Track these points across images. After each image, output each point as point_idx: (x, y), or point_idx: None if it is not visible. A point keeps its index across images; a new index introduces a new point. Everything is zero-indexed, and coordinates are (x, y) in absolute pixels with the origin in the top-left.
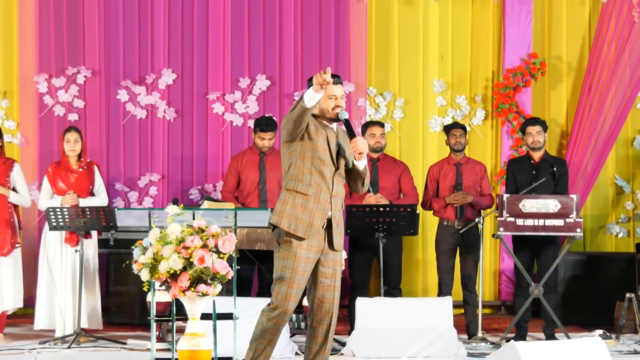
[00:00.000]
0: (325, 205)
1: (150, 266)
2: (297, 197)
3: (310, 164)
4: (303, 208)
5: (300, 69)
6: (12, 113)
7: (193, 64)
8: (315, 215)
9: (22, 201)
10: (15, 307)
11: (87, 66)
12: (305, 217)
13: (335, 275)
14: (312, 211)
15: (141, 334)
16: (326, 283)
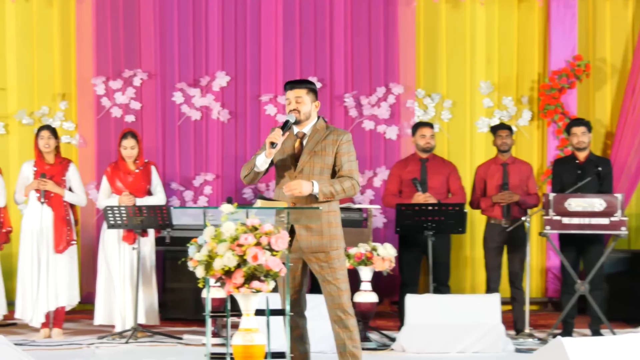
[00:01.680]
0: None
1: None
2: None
3: (280, 179)
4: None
5: (350, 71)
6: (71, 114)
7: (246, 67)
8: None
9: (77, 200)
10: (71, 303)
11: (144, 69)
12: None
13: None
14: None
15: (196, 330)
16: (321, 279)
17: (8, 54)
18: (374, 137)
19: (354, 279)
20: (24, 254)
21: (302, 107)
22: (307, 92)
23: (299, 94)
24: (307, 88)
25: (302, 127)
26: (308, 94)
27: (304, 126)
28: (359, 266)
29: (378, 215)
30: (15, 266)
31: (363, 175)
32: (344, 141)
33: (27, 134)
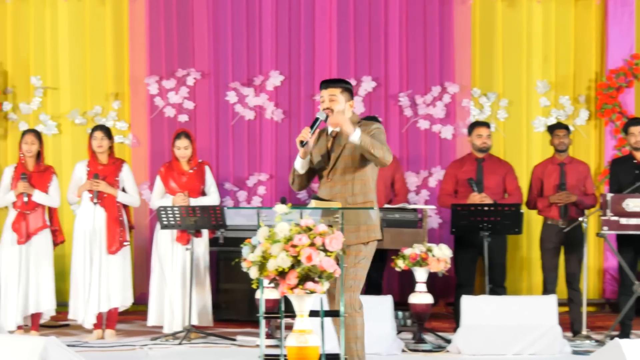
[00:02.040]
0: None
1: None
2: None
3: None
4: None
5: (406, 70)
6: (124, 114)
7: (300, 66)
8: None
9: (130, 201)
10: (124, 304)
11: (197, 68)
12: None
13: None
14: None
15: (250, 331)
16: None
17: (60, 53)
18: (429, 136)
19: (409, 280)
20: (76, 255)
21: (335, 106)
22: (341, 92)
23: (333, 92)
24: (342, 87)
25: (336, 126)
26: (342, 93)
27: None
28: (414, 267)
29: (433, 215)
30: (68, 267)
31: (418, 175)
32: (373, 128)
33: (80, 133)
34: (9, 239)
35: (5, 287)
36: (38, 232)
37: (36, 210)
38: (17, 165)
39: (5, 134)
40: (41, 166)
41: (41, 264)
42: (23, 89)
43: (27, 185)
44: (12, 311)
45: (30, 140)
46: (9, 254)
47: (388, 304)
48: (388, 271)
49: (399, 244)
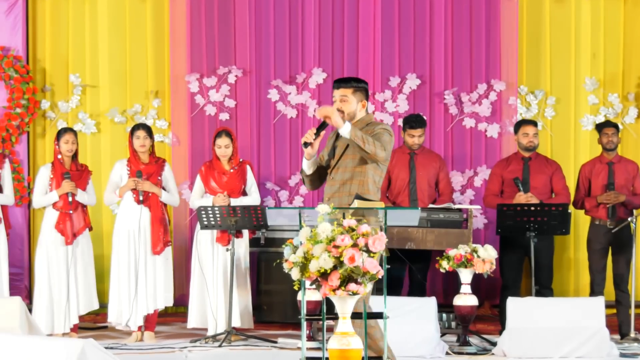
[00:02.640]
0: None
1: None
2: None
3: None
4: None
5: (451, 67)
6: (164, 112)
7: (343, 63)
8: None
9: (171, 200)
10: (166, 305)
11: (238, 66)
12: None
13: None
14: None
15: (292, 333)
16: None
17: (100, 50)
18: (474, 135)
19: (453, 281)
20: (118, 256)
21: (346, 107)
22: (353, 92)
23: (344, 93)
24: (354, 87)
25: (324, 118)
26: (354, 94)
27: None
28: (458, 268)
29: (479, 215)
30: (106, 268)
31: (463, 174)
32: (378, 129)
33: (119, 132)
34: (52, 239)
35: (51, 289)
36: (82, 232)
37: (77, 209)
38: (53, 164)
39: (43, 133)
40: (78, 165)
41: (87, 264)
42: (62, 87)
43: (73, 184)
44: (62, 314)
45: (72, 140)
46: (54, 255)
47: (432, 305)
48: (432, 272)
49: (443, 245)
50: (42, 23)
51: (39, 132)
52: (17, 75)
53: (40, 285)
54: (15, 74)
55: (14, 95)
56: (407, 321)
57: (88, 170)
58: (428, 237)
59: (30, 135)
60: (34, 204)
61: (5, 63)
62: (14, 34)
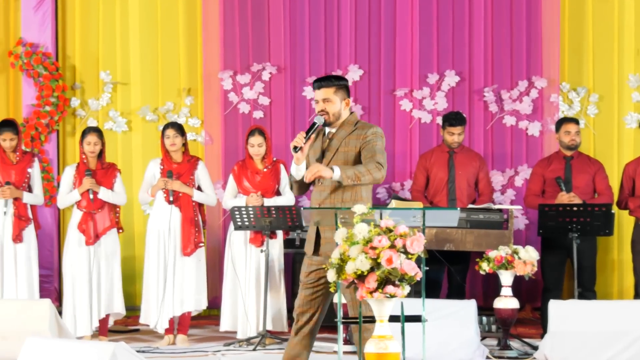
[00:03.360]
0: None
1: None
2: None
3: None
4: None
5: (491, 64)
6: (197, 111)
7: (380, 59)
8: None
9: (206, 200)
10: (198, 308)
11: (273, 62)
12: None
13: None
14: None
15: (327, 336)
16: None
17: (131, 47)
18: (515, 133)
19: (494, 283)
20: (150, 257)
21: (330, 108)
22: (335, 91)
23: (326, 94)
24: (335, 86)
25: (333, 128)
26: (336, 93)
27: (335, 126)
28: (499, 270)
29: (520, 216)
30: (138, 270)
31: (504, 174)
32: (370, 134)
33: (151, 131)
34: (75, 240)
35: (73, 290)
36: (106, 232)
37: (102, 209)
38: (78, 164)
39: (73, 131)
40: (104, 164)
41: (110, 266)
42: (92, 85)
43: (93, 181)
44: (85, 316)
45: (94, 141)
46: (76, 255)
47: (472, 308)
48: (472, 274)
49: (483, 246)
50: (71, 19)
51: (68, 130)
52: (47, 73)
53: (66, 287)
54: (44, 71)
55: (43, 93)
56: (446, 324)
57: (115, 168)
58: (467, 238)
59: (60, 133)
60: (58, 204)
61: (34, 60)
62: (43, 30)
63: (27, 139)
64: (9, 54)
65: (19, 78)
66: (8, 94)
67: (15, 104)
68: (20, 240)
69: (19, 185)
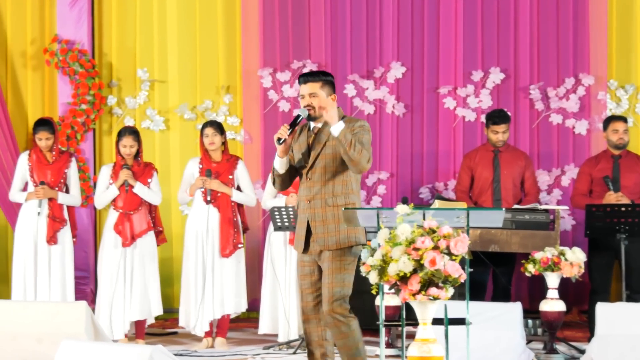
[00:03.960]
0: (304, 212)
1: (378, 268)
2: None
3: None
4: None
5: (537, 61)
6: (236, 109)
7: (423, 56)
8: (299, 226)
9: (246, 200)
10: (238, 310)
11: (313, 59)
12: (298, 229)
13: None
14: (299, 223)
15: (369, 339)
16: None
17: (169, 44)
18: (561, 132)
19: (540, 285)
20: (188, 258)
21: (316, 103)
22: (321, 86)
23: (313, 89)
24: (322, 81)
25: (318, 123)
26: (323, 88)
27: (320, 121)
28: (545, 272)
29: (566, 217)
30: (176, 271)
31: (550, 173)
32: (357, 126)
33: (189, 129)
34: (111, 241)
35: (108, 292)
36: (143, 234)
37: (139, 210)
38: (115, 164)
39: (109, 130)
40: (140, 163)
41: (147, 268)
42: (129, 82)
43: (130, 173)
44: (119, 318)
45: (130, 144)
46: (111, 257)
47: (517, 311)
48: (517, 276)
49: (529, 248)
50: (108, 15)
51: (105, 129)
52: (83, 70)
53: (100, 289)
54: (80, 69)
55: (79, 91)
56: (490, 327)
57: (152, 167)
58: (513, 239)
59: (96, 132)
60: (96, 203)
61: (70, 57)
62: (79, 27)
63: (63, 138)
64: (44, 51)
65: (55, 76)
66: (44, 92)
67: (50, 103)
68: (54, 242)
69: (55, 185)
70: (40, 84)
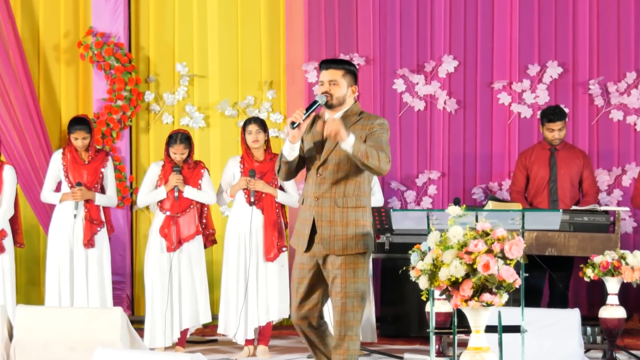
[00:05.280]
0: (310, 210)
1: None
2: (299, 211)
3: (307, 172)
4: (300, 220)
5: (596, 54)
6: (279, 105)
7: (477, 50)
8: (303, 224)
9: (289, 201)
10: (281, 317)
11: (360, 53)
12: (300, 227)
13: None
14: (303, 220)
15: (419, 348)
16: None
17: (209, 37)
18: (622, 129)
19: (599, 291)
20: (229, 263)
21: (335, 91)
22: (343, 75)
23: (334, 76)
24: (345, 69)
25: (334, 113)
26: (344, 77)
27: (336, 112)
28: (604, 277)
29: (627, 218)
30: (216, 276)
31: (610, 173)
32: (376, 125)
33: (230, 126)
34: (157, 245)
35: (151, 298)
36: (191, 238)
37: (187, 212)
38: (164, 163)
39: (147, 127)
40: (190, 163)
41: (195, 273)
42: (167, 77)
43: (180, 178)
44: (162, 326)
45: (181, 151)
46: (156, 261)
47: (575, 318)
48: (575, 281)
49: (587, 251)
50: (145, 7)
51: (142, 126)
52: (119, 65)
53: (147, 295)
54: (116, 63)
55: (115, 87)
56: (547, 335)
57: (202, 166)
58: (571, 242)
59: (133, 130)
60: (138, 202)
61: (105, 51)
62: (115, 20)
63: (98, 136)
64: (78, 45)
65: (89, 70)
66: (78, 87)
67: (85, 99)
68: (92, 245)
69: (92, 186)
70: (74, 79)
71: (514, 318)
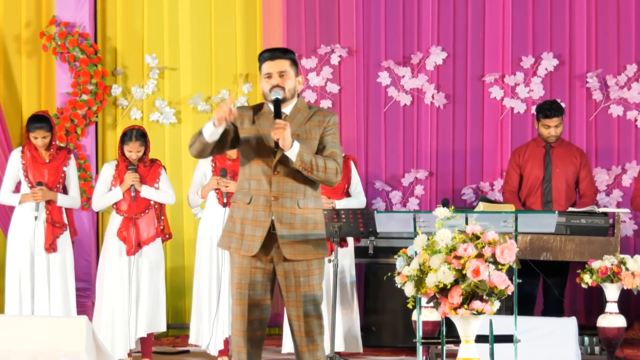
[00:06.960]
0: (264, 210)
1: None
2: (236, 210)
3: (249, 168)
4: (240, 220)
5: (594, 45)
6: (255, 100)
7: (467, 41)
8: (249, 225)
9: None
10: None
11: (343, 44)
12: (239, 229)
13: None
14: (249, 221)
15: (405, 359)
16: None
17: (181, 28)
18: (622, 125)
19: (598, 297)
20: (201, 268)
21: (286, 83)
22: (290, 65)
23: (282, 66)
24: (291, 59)
25: (284, 107)
26: (292, 67)
27: (286, 106)
28: (603, 283)
29: (627, 221)
30: (187, 282)
31: (609, 172)
32: (332, 123)
33: (203, 122)
34: (115, 249)
35: (111, 305)
36: (150, 241)
37: (146, 213)
38: (118, 162)
39: (114, 124)
40: (146, 162)
41: (154, 279)
42: (136, 70)
43: (136, 176)
44: (122, 335)
45: (136, 149)
46: (115, 266)
47: (572, 327)
48: (571, 288)
49: (585, 256)
50: None
51: (108, 122)
52: (84, 56)
53: (99, 302)
54: (81, 55)
55: (80, 80)
56: (541, 345)
57: (159, 164)
58: (567, 246)
59: (99, 126)
60: (93, 206)
61: (69, 42)
62: (80, 8)
63: (62, 132)
64: (40, 35)
65: (52, 62)
66: (40, 80)
67: (48, 93)
68: (54, 250)
69: (53, 186)
70: (36, 72)
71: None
